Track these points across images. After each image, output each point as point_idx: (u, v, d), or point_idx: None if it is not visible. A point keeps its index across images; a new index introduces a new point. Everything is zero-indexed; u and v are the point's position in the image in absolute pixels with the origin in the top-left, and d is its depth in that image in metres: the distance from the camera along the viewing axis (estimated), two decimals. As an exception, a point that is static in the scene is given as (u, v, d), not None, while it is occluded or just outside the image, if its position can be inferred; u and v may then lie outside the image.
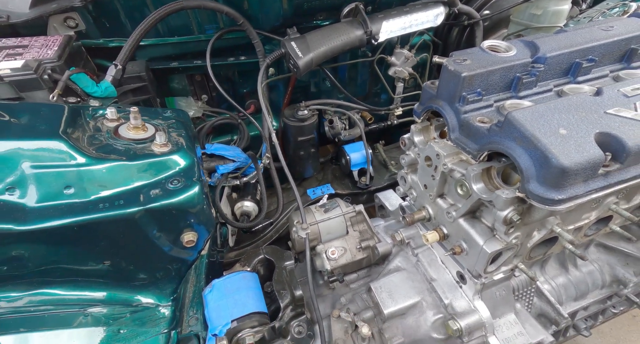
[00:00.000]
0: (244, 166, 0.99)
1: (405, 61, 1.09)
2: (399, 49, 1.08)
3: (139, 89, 0.80)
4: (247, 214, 0.96)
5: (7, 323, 0.46)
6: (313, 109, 1.05)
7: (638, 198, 0.61)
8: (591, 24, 0.68)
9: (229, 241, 0.98)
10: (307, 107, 1.04)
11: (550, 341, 0.62)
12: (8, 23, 0.67)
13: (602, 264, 0.78)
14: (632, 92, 0.49)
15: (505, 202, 0.48)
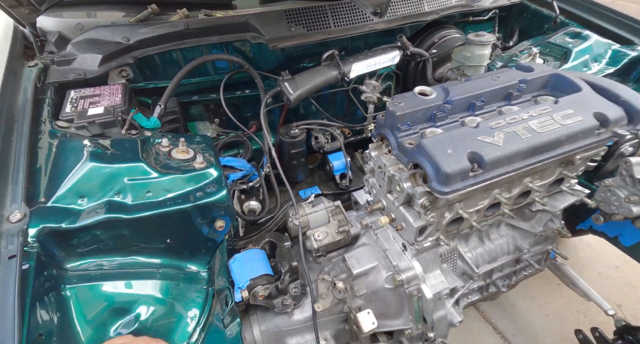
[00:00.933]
0: (249, 173, 1.26)
1: (373, 89, 1.37)
2: (368, 79, 1.36)
3: (173, 120, 1.06)
4: (253, 211, 1.23)
5: (111, 275, 0.71)
6: (302, 128, 1.32)
7: (515, 190, 0.90)
8: (486, 74, 0.97)
9: (239, 231, 1.25)
10: (297, 127, 1.31)
11: (461, 286, 0.90)
12: (85, 78, 0.93)
13: (509, 238, 1.07)
14: (495, 126, 0.78)
15: (421, 194, 0.76)
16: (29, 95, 0.83)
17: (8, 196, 0.61)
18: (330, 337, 0.97)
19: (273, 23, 1.07)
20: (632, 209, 0.90)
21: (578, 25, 1.28)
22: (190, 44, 1.03)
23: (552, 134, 0.77)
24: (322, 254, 1.04)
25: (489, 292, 1.15)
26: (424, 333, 0.95)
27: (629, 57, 1.11)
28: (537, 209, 1.02)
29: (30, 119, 0.77)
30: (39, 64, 0.93)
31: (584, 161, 0.92)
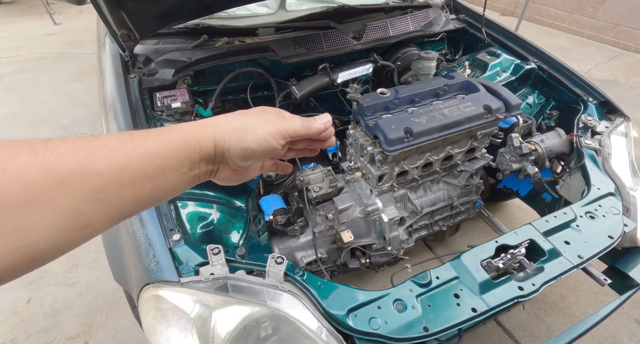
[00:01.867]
0: (267, 150, 1.70)
1: (355, 90, 1.81)
2: (351, 83, 1.80)
3: (220, 112, 1.50)
4: (270, 176, 1.67)
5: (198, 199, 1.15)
6: (304, 119, 1.76)
7: (441, 154, 1.34)
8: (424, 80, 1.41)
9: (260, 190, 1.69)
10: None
11: (407, 216, 1.35)
12: (164, 84, 1.36)
13: (444, 191, 1.51)
14: (422, 112, 1.22)
15: (377, 153, 1.20)
16: (137, 95, 1.27)
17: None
18: (325, 252, 1.41)
19: (285, 46, 1.51)
20: (512, 165, 1.34)
21: (497, 46, 1.72)
22: (229, 61, 1.47)
23: (456, 117, 1.21)
24: (319, 201, 1.48)
25: (433, 229, 1.60)
26: (384, 247, 1.39)
27: (524, 69, 1.55)
28: (460, 169, 1.46)
29: (142, 109, 1.21)
30: (135, 76, 1.37)
31: (485, 136, 1.36)
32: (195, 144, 0.38)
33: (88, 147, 0.31)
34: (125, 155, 0.32)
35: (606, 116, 1.34)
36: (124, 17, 1.11)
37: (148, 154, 0.34)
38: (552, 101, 1.54)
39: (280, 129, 0.43)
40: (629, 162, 1.13)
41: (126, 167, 0.32)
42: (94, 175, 0.30)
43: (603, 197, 1.06)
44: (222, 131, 0.41)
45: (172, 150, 0.36)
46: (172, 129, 0.38)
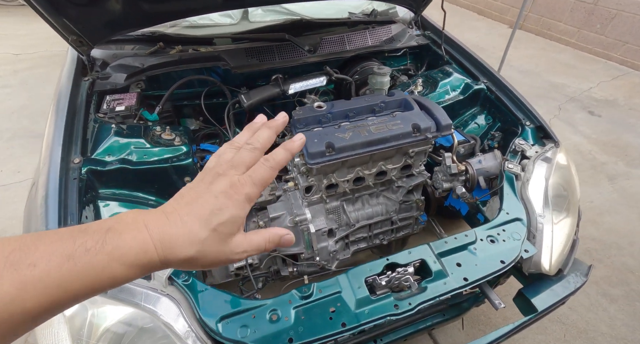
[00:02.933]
0: (220, 155, 1.77)
1: (313, 101, 1.87)
2: (308, 94, 1.86)
3: (168, 116, 1.59)
4: (221, 180, 1.74)
5: (121, 199, 1.22)
6: (259, 126, 1.83)
7: (373, 169, 1.38)
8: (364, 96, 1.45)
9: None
10: (256, 125, 1.82)
11: (331, 228, 1.39)
12: (115, 88, 1.46)
13: (383, 205, 1.55)
14: (349, 127, 1.26)
15: (301, 165, 1.25)
16: (84, 98, 1.37)
17: (73, 151, 1.13)
18: (256, 258, 1.47)
19: (236, 56, 1.59)
20: (444, 184, 1.37)
21: (455, 64, 1.75)
22: (181, 68, 1.56)
23: (381, 134, 1.25)
24: (258, 208, 1.54)
25: (374, 243, 1.63)
26: (313, 257, 1.43)
27: (472, 89, 1.57)
28: (397, 185, 1.49)
29: (84, 111, 1.30)
30: (90, 79, 1.47)
31: (419, 154, 1.39)
32: (137, 266, 0.34)
33: (19, 280, 0.28)
34: (61, 291, 0.30)
35: (541, 141, 1.35)
36: (69, 25, 1.21)
37: (81, 290, 0.32)
38: (498, 122, 1.56)
39: (236, 250, 0.40)
40: (544, 189, 1.14)
41: (45, 308, 0.30)
42: (20, 315, 0.29)
43: (509, 222, 1.08)
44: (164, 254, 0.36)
45: (114, 276, 0.33)
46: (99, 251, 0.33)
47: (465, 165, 1.34)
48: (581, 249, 2.02)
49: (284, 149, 0.44)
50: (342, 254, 1.55)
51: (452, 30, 1.91)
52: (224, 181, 0.40)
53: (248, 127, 0.47)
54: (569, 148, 2.98)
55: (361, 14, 1.95)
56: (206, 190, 0.39)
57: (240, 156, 0.42)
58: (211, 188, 0.39)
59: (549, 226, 1.10)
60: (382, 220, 1.54)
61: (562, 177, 1.20)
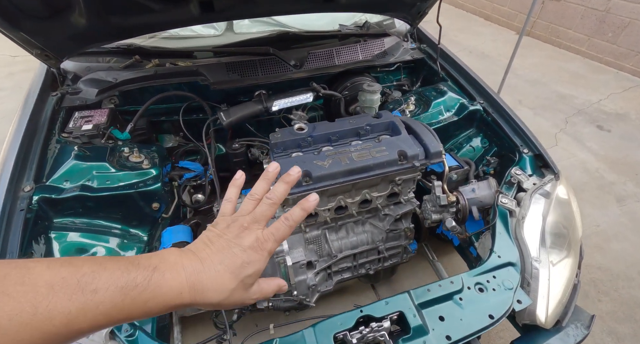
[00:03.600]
0: (200, 174, 1.69)
1: (300, 117, 1.78)
2: (295, 110, 1.77)
3: (143, 134, 1.51)
4: (198, 201, 1.65)
5: (80, 229, 1.14)
6: (242, 143, 1.75)
7: (357, 198, 1.28)
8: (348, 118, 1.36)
9: (187, 215, 1.67)
10: (238, 142, 1.73)
11: (310, 260, 1.29)
12: (86, 104, 1.38)
13: (369, 233, 1.45)
14: (329, 154, 1.17)
15: (276, 195, 1.16)
16: (48, 115, 1.29)
17: (25, 177, 1.05)
18: (231, 290, 1.38)
19: (216, 71, 1.51)
20: (432, 216, 1.27)
21: (451, 82, 1.65)
22: (157, 83, 1.48)
23: (364, 162, 1.15)
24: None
25: (359, 272, 1.53)
26: (291, 291, 1.34)
27: (468, 109, 1.48)
28: (384, 213, 1.39)
29: (46, 130, 1.23)
30: (58, 93, 1.40)
31: (408, 181, 1.30)
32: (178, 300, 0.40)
33: (82, 304, 0.33)
34: (107, 318, 0.35)
35: (539, 171, 1.24)
36: (28, 38, 1.14)
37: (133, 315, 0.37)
38: (494, 147, 1.46)
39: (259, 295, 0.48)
40: (541, 229, 1.04)
41: (108, 324, 0.36)
42: (73, 334, 0.33)
43: (501, 267, 0.97)
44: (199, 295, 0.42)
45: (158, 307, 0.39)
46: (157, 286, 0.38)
47: (456, 195, 1.24)
48: (585, 280, 1.90)
49: (300, 208, 0.49)
50: (324, 285, 1.45)
51: (457, 35, 1.82)
52: (251, 235, 0.45)
53: (264, 177, 0.52)
54: (575, 165, 2.86)
55: (353, 26, 1.86)
56: (235, 243, 0.44)
57: (261, 210, 0.47)
58: (239, 242, 0.44)
59: (545, 271, 0.99)
60: (368, 249, 1.45)
61: (562, 214, 1.09)
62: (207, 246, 0.44)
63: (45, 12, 1.07)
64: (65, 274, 0.33)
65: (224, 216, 0.49)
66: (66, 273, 0.33)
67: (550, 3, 5.45)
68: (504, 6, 6.20)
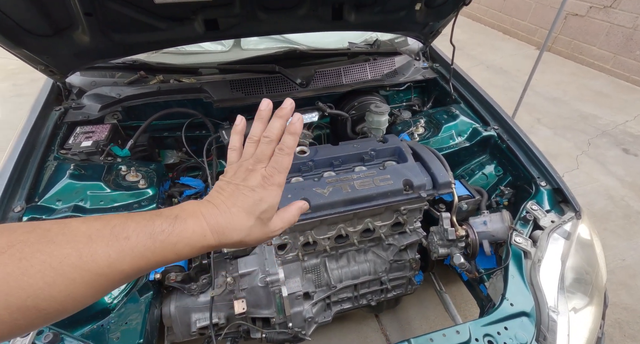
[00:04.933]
0: (200, 191, 1.66)
1: (304, 136, 1.74)
2: (300, 129, 1.74)
3: (144, 150, 1.50)
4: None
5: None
6: (245, 161, 1.72)
7: (359, 227, 1.22)
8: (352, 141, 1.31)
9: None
10: (241, 160, 1.70)
11: (307, 291, 1.22)
12: (88, 119, 1.38)
13: (371, 263, 1.38)
14: (330, 181, 1.12)
15: (273, 222, 1.12)
16: (49, 131, 1.29)
17: (17, 196, 1.04)
18: (223, 317, 1.32)
19: (220, 88, 1.50)
20: (440, 250, 1.19)
21: (464, 104, 1.59)
22: (161, 99, 1.47)
23: (366, 191, 1.10)
24: (229, 257, 1.40)
25: (360, 303, 1.45)
26: (285, 323, 1.27)
27: (481, 135, 1.40)
28: (387, 243, 1.32)
29: (45, 147, 1.23)
30: (62, 108, 1.40)
31: (413, 211, 1.23)
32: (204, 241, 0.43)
33: (119, 249, 0.37)
34: (145, 261, 0.39)
35: (558, 206, 1.15)
36: (32, 55, 1.14)
37: (164, 259, 0.40)
38: (508, 176, 1.38)
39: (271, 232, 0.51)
40: (560, 275, 0.95)
41: (146, 268, 0.39)
42: (117, 274, 0.37)
43: (513, 317, 0.89)
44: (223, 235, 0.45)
45: (185, 250, 0.42)
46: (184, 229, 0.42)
47: (466, 229, 1.17)
48: (609, 321, 1.76)
49: (289, 133, 0.50)
50: (322, 316, 1.38)
51: (474, 49, 1.75)
52: (256, 175, 0.48)
53: (258, 117, 0.52)
54: (598, 191, 2.71)
55: (363, 43, 1.83)
56: (243, 185, 0.47)
57: (261, 150, 0.49)
58: (247, 183, 0.47)
59: (564, 322, 0.90)
60: (370, 280, 1.37)
61: (584, 258, 1.00)
62: (219, 194, 0.47)
63: (49, 30, 1.08)
64: (98, 226, 0.37)
65: (230, 164, 0.51)
66: (99, 225, 0.38)
67: (573, 18, 5.33)
68: (523, 20, 6.10)
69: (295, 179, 1.18)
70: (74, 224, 0.37)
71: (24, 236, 0.34)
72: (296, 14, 1.32)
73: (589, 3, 5.03)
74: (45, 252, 0.33)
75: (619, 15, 4.73)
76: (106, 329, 1.01)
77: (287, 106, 0.51)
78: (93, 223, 0.38)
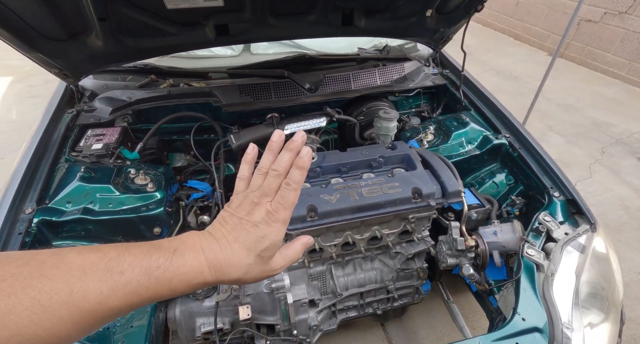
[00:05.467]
0: (207, 194, 1.67)
1: (312, 141, 1.74)
2: (307, 134, 1.73)
3: (153, 153, 1.51)
4: (204, 223, 1.62)
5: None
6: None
7: (366, 234, 1.21)
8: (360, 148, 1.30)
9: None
10: (248, 164, 1.71)
11: (313, 298, 1.21)
12: (99, 122, 1.40)
13: (378, 271, 1.36)
14: (337, 188, 1.11)
15: (279, 228, 1.11)
16: (61, 133, 1.31)
17: (28, 198, 1.06)
18: (228, 322, 1.32)
19: (229, 92, 1.50)
20: (448, 260, 1.17)
21: (474, 111, 1.56)
22: (171, 103, 1.49)
23: (374, 199, 1.08)
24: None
25: (366, 312, 1.43)
26: (290, 330, 1.26)
27: (492, 143, 1.38)
28: (394, 251, 1.30)
29: (57, 149, 1.24)
30: (74, 111, 1.42)
31: (422, 220, 1.21)
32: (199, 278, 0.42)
33: (112, 285, 0.36)
34: (137, 297, 0.38)
35: (572, 218, 1.12)
36: (47, 59, 1.16)
37: (156, 295, 0.39)
38: (520, 185, 1.35)
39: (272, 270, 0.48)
40: (574, 289, 0.92)
41: (136, 305, 0.39)
42: (106, 311, 0.36)
43: (525, 333, 0.86)
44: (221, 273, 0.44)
45: (180, 286, 0.41)
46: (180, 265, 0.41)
47: (475, 239, 1.14)
48: (625, 337, 1.70)
49: (297, 168, 0.48)
50: (327, 324, 1.36)
51: (484, 54, 1.72)
52: (261, 210, 0.46)
53: (269, 148, 0.51)
54: (612, 201, 2.65)
55: (372, 49, 1.83)
56: (247, 220, 0.46)
57: (268, 183, 0.48)
58: (251, 218, 0.46)
59: (579, 337, 0.87)
60: (377, 288, 1.35)
61: (599, 273, 0.97)
62: (222, 226, 0.46)
63: (64, 35, 1.10)
64: (94, 259, 0.37)
65: (237, 194, 0.50)
66: (95, 258, 0.37)
67: (586, 24, 5.26)
68: (535, 26, 6.04)
69: (303, 185, 1.18)
70: (70, 256, 0.37)
71: (17, 269, 0.33)
72: (307, 20, 1.32)
73: (604, 9, 4.95)
74: (36, 287, 0.33)
75: (635, 22, 4.64)
76: (111, 332, 1.01)
77: (298, 139, 0.49)
78: (89, 255, 0.37)
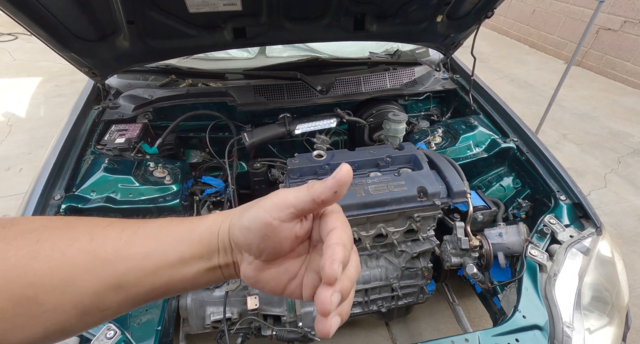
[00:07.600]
0: (220, 190, 1.73)
1: (322, 141, 1.78)
2: (318, 134, 1.77)
3: (171, 149, 1.58)
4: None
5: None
6: (264, 163, 1.77)
7: (372, 231, 1.23)
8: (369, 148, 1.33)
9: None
10: (260, 162, 1.76)
11: None
12: (122, 118, 1.48)
13: (383, 269, 1.38)
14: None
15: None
16: (88, 127, 1.40)
17: (57, 186, 1.13)
18: (236, 312, 1.36)
19: (244, 93, 1.57)
20: (452, 259, 1.18)
21: (483, 115, 1.58)
22: (189, 102, 1.56)
23: (380, 196, 1.11)
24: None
25: (370, 309, 1.45)
26: (296, 322, 1.29)
27: (499, 146, 1.39)
28: (400, 250, 1.32)
29: (83, 142, 1.32)
30: (100, 107, 1.51)
31: (427, 219, 1.23)
32: (214, 231, 0.38)
33: (132, 232, 0.35)
34: (154, 241, 0.36)
35: (578, 221, 1.12)
36: (77, 58, 1.25)
37: (173, 241, 0.36)
38: (527, 189, 1.35)
39: (277, 201, 0.37)
40: (576, 290, 0.92)
41: (151, 253, 0.35)
42: (122, 260, 0.34)
43: (525, 330, 0.87)
44: (233, 215, 0.39)
45: (195, 237, 0.37)
46: (204, 218, 0.39)
47: (480, 239, 1.16)
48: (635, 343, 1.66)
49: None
50: (331, 319, 1.38)
51: (498, 62, 1.74)
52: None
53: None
54: (627, 212, 2.58)
55: (383, 53, 1.86)
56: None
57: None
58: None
59: (579, 337, 0.88)
60: (381, 286, 1.37)
61: (603, 275, 0.97)
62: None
63: (95, 36, 1.18)
64: (129, 221, 0.37)
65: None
66: (131, 221, 0.37)
67: (605, 33, 5.16)
68: (552, 34, 5.95)
69: (311, 182, 1.22)
70: (101, 219, 0.37)
71: (50, 222, 0.34)
72: (320, 24, 1.37)
73: (624, 17, 4.86)
74: (59, 236, 0.33)
75: (655, 30, 4.54)
76: (129, 314, 1.06)
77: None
78: (122, 220, 0.37)
